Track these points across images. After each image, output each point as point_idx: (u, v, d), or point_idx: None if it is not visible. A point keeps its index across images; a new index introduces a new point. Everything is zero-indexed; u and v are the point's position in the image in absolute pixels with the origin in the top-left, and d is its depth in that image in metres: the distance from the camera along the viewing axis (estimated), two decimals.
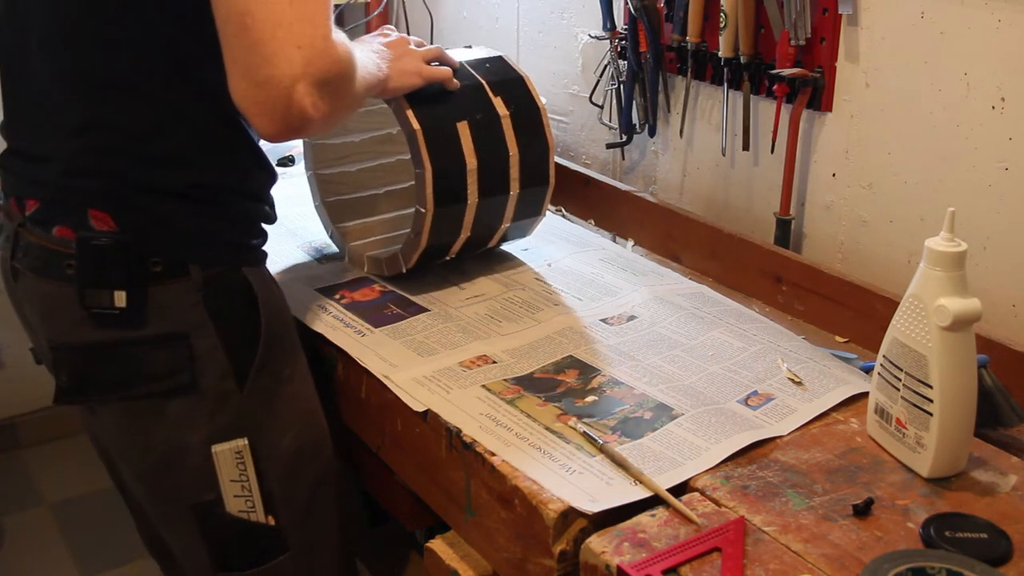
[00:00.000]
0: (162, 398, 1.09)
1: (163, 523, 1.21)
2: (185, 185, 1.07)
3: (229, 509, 1.13)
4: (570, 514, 0.94)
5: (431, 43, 2.20)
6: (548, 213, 1.56)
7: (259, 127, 0.99)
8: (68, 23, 1.05)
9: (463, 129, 1.30)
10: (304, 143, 1.48)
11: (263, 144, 1.17)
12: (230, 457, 1.11)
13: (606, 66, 1.73)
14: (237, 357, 1.11)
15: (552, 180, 1.40)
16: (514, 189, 1.36)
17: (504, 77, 1.38)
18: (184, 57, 1.05)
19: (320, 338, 1.25)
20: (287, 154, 1.86)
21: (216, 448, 1.11)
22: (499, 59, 1.42)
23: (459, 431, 1.06)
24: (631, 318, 1.30)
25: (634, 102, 1.68)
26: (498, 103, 1.34)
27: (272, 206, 1.20)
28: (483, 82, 1.35)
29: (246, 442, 1.12)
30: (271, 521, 1.16)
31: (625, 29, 1.65)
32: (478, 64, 1.39)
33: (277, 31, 0.95)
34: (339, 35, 1.03)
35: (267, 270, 1.17)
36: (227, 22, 0.97)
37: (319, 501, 1.22)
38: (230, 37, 0.97)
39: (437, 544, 1.09)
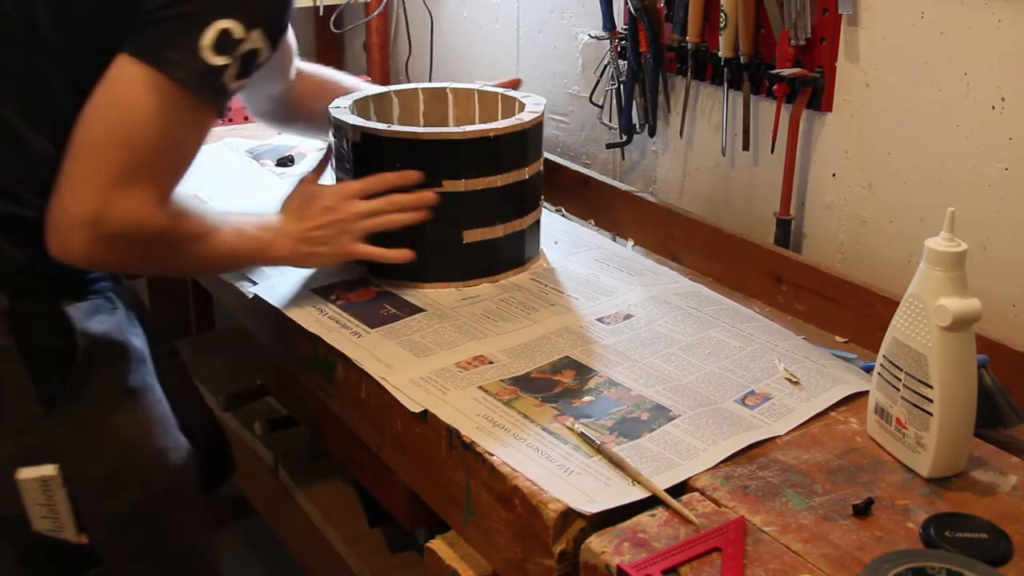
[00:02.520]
0: None
1: None
2: (5, 215, 1.06)
3: (36, 528, 1.12)
4: (570, 514, 0.94)
5: (431, 43, 2.22)
6: (547, 212, 1.55)
7: (46, 241, 1.06)
8: None
9: None
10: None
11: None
12: (35, 485, 1.09)
13: (606, 66, 1.73)
14: (45, 383, 1.10)
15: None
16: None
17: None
18: (61, 105, 1.06)
19: (317, 340, 1.25)
20: (287, 154, 1.86)
21: (20, 475, 1.08)
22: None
23: (458, 431, 1.05)
24: (627, 317, 1.30)
25: (634, 102, 1.67)
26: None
27: None
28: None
29: (54, 470, 1.09)
30: (84, 540, 1.14)
31: (625, 29, 1.65)
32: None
33: (95, 178, 1.03)
34: (184, 207, 1.11)
35: (103, 302, 1.17)
36: (72, 144, 1.04)
37: (145, 523, 1.20)
38: (68, 156, 1.05)
39: (437, 544, 1.09)
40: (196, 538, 1.28)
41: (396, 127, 1.37)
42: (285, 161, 1.85)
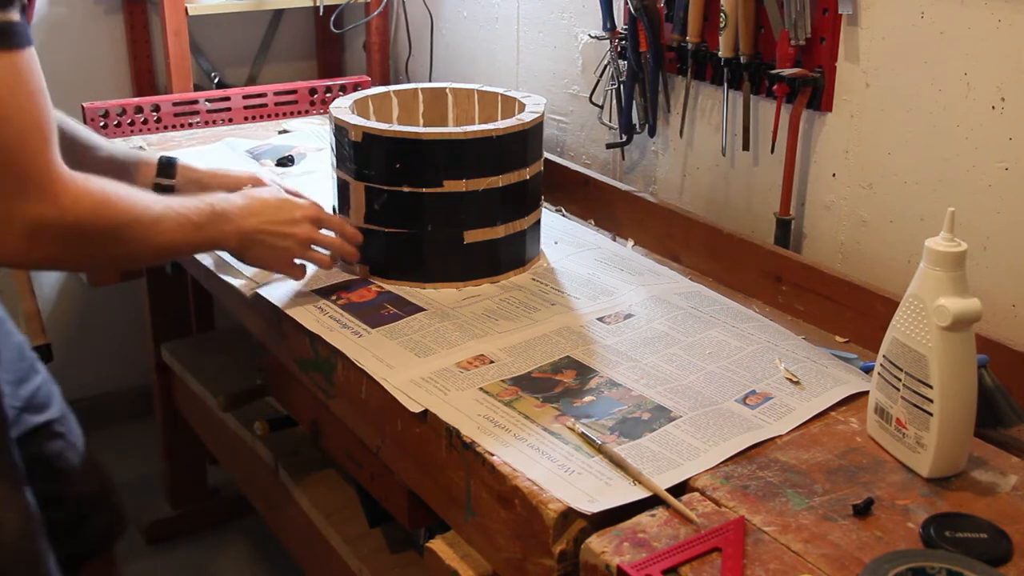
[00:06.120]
0: None
1: None
2: None
3: None
4: (570, 514, 0.94)
5: (431, 43, 2.22)
6: (548, 212, 1.56)
7: None
8: None
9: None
10: None
11: None
12: None
13: (606, 66, 1.73)
14: None
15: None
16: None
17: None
18: None
19: (318, 340, 1.25)
20: (287, 154, 1.86)
21: None
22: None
23: (458, 431, 1.06)
24: (628, 317, 1.30)
25: (634, 102, 1.67)
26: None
27: None
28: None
29: None
30: None
31: (625, 29, 1.65)
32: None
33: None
34: (100, 184, 1.07)
35: None
36: None
37: None
38: None
39: (437, 544, 1.09)
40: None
41: (397, 127, 1.37)
42: (285, 161, 1.85)
